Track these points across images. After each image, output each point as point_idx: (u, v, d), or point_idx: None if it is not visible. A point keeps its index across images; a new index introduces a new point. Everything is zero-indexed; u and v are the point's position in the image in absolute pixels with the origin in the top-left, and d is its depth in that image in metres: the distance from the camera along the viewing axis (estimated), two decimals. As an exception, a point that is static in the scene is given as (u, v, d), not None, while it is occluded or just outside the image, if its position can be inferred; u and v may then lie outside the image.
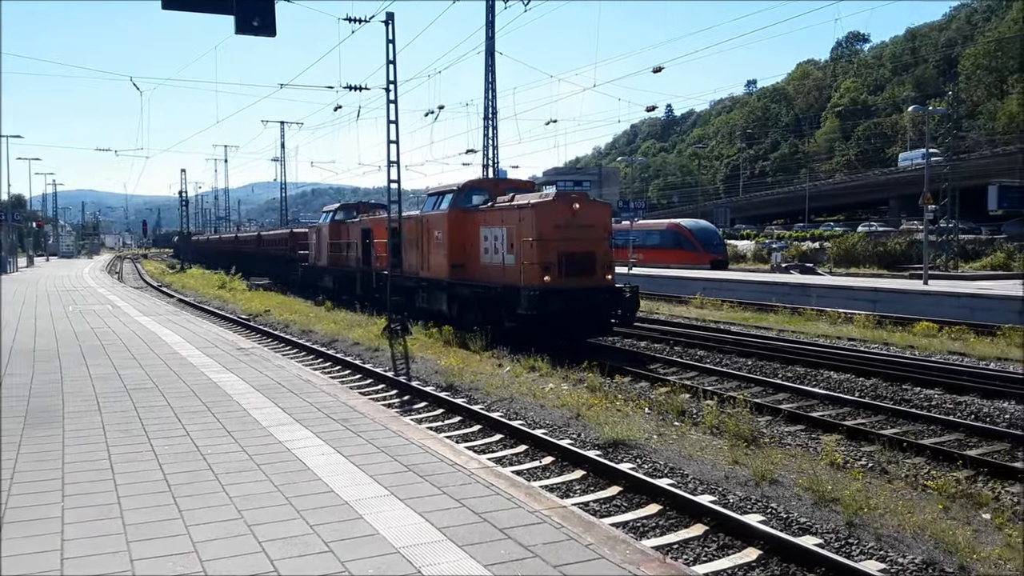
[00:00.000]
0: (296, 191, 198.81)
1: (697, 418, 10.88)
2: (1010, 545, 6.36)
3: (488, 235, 19.25)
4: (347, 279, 30.19)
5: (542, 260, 17.00)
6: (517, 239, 17.75)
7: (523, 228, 17.58)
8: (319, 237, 33.89)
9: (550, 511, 6.07)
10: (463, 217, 20.33)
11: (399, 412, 11.70)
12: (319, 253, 33.83)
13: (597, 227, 17.84)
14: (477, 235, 19.67)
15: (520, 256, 17.56)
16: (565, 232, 17.27)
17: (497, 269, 18.74)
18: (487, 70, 38.59)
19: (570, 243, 17.25)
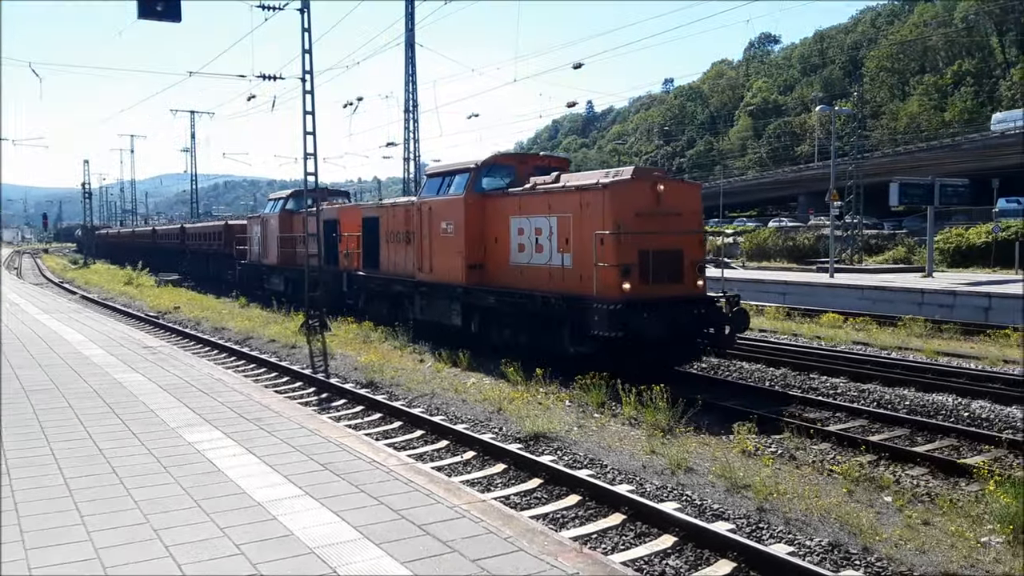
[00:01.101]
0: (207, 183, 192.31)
1: (616, 410, 11.03)
2: (910, 526, 6.66)
3: (525, 227, 14.83)
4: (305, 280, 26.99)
5: (621, 260, 12.66)
6: (577, 232, 13.56)
7: (588, 217, 13.30)
8: (265, 230, 29.18)
9: (470, 506, 6.04)
10: (484, 204, 15.94)
11: (316, 410, 11.47)
12: (265, 249, 29.28)
13: (685, 215, 13.49)
14: (505, 227, 15.32)
15: (580, 255, 13.44)
16: (648, 222, 12.95)
17: (540, 273, 14.51)
18: (407, 62, 38.21)
19: (654, 238, 12.98)
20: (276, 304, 25.25)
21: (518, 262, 15.07)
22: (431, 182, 17.80)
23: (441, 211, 16.74)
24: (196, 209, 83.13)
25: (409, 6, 37.56)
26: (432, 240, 17.10)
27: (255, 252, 30.54)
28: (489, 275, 15.84)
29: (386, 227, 19.65)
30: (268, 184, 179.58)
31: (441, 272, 16.85)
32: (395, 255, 19.20)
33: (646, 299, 12.66)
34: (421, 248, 17.55)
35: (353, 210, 23.83)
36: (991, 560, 6.02)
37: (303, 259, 24.54)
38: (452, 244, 16.40)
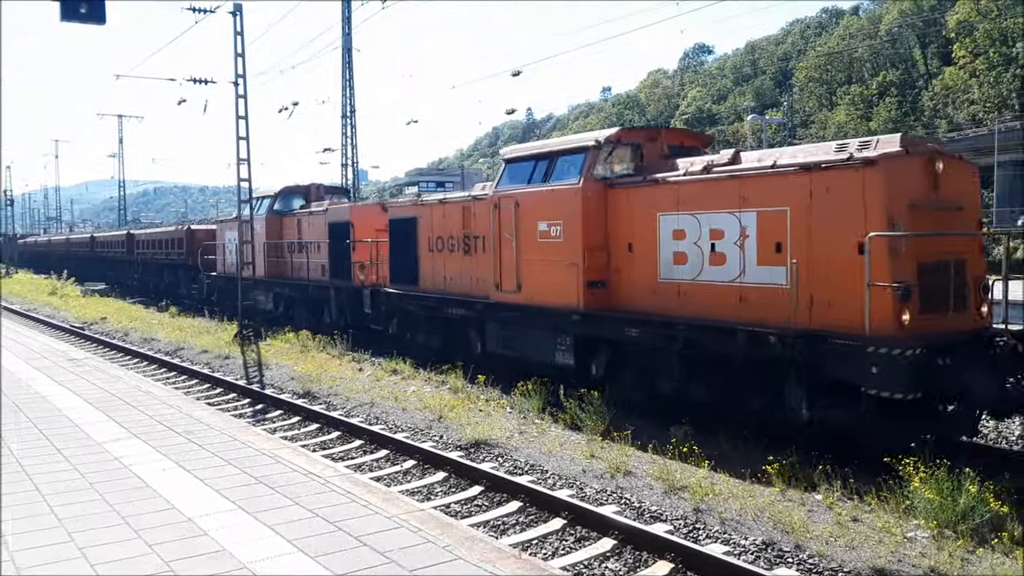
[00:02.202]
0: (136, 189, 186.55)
1: (556, 415, 11.06)
2: (840, 523, 6.84)
3: (689, 228, 10.33)
4: (307, 299, 21.31)
5: (897, 277, 8.22)
6: (802, 234, 9.06)
7: (826, 211, 8.84)
8: (242, 236, 22.97)
9: (408, 515, 5.97)
10: (608, 197, 11.54)
11: (251, 422, 11.21)
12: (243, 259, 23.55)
13: (968, 210, 9.21)
14: (649, 229, 10.93)
15: (811, 269, 8.95)
16: (923, 219, 8.61)
17: (719, 294, 9.98)
18: (344, 67, 37.80)
19: (932, 243, 8.69)
20: (210, 313, 24.47)
21: (673, 277, 10.57)
22: (515, 168, 13.04)
23: (538, 207, 12.20)
24: (124, 216, 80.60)
25: (346, 10, 37.21)
26: (521, 247, 12.53)
27: (230, 263, 24.94)
28: (618, 296, 11.46)
29: (429, 230, 15.19)
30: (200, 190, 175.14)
31: (538, 291, 12.27)
32: (446, 267, 14.78)
33: (930, 336, 8.37)
34: (500, 258, 12.98)
35: (371, 210, 19.44)
36: (917, 554, 6.21)
37: (302, 270, 21.47)
38: (558, 252, 11.82)
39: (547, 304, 12.14)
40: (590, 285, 11.51)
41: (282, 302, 22.95)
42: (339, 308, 19.57)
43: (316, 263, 20.81)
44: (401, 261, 16.17)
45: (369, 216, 19.10)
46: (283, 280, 22.65)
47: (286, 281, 22.49)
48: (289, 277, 22.39)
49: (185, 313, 26.00)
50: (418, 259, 15.55)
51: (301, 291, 21.56)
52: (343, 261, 19.32)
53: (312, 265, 20.98)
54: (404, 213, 16.51)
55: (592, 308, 11.51)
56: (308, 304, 21.30)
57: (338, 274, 19.50)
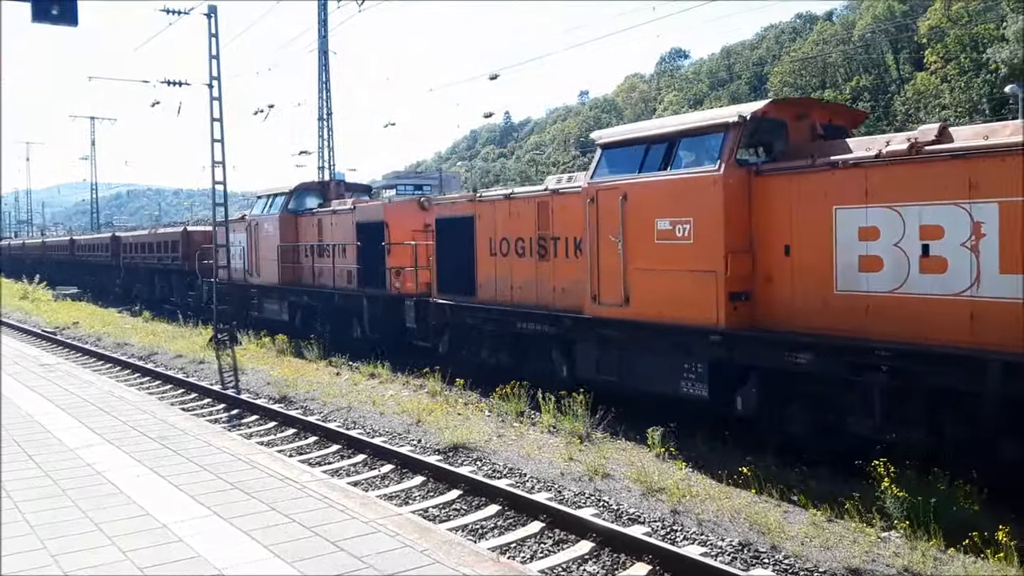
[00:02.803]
0: (109, 192, 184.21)
1: (535, 418, 11.07)
2: (815, 523, 6.91)
3: (884, 226, 8.16)
4: (331, 310, 18.60)
5: None
6: None
7: None
8: (254, 238, 21.69)
9: (386, 520, 5.95)
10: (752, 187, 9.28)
11: (226, 427, 11.11)
12: (254, 263, 21.81)
13: None
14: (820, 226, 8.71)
15: None
16: None
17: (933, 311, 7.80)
18: (321, 70, 37.64)
19: None
20: (182, 319, 24.11)
21: (858, 289, 8.35)
22: (617, 154, 10.70)
23: (656, 201, 9.93)
24: (97, 219, 79.57)
25: (322, 12, 37.05)
26: (631, 251, 10.17)
27: (236, 268, 22.19)
28: (768, 311, 9.19)
29: (490, 231, 13.19)
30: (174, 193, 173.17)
31: (654, 305, 9.96)
32: (514, 274, 12.69)
33: None
34: (599, 263, 10.70)
35: (408, 208, 17.28)
36: (891, 553, 6.29)
37: (324, 277, 18.75)
38: (687, 257, 9.51)
39: (668, 321, 9.80)
40: (733, 297, 9.15)
41: (299, 312, 20.10)
42: (372, 321, 16.90)
43: (342, 268, 18.09)
44: (451, 267, 14.07)
45: (406, 215, 16.87)
46: (300, 288, 19.88)
47: (304, 289, 19.71)
48: (308, 284, 19.62)
49: (159, 318, 25.70)
50: (474, 265, 13.39)
51: (324, 300, 18.78)
52: (376, 266, 16.80)
53: (337, 271, 18.22)
54: (455, 212, 14.21)
55: (736, 326, 9.13)
56: (332, 315, 18.57)
57: (370, 281, 17.00)
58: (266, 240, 20.99)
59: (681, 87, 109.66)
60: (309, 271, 19.73)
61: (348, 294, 17.82)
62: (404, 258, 16.15)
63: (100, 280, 39.52)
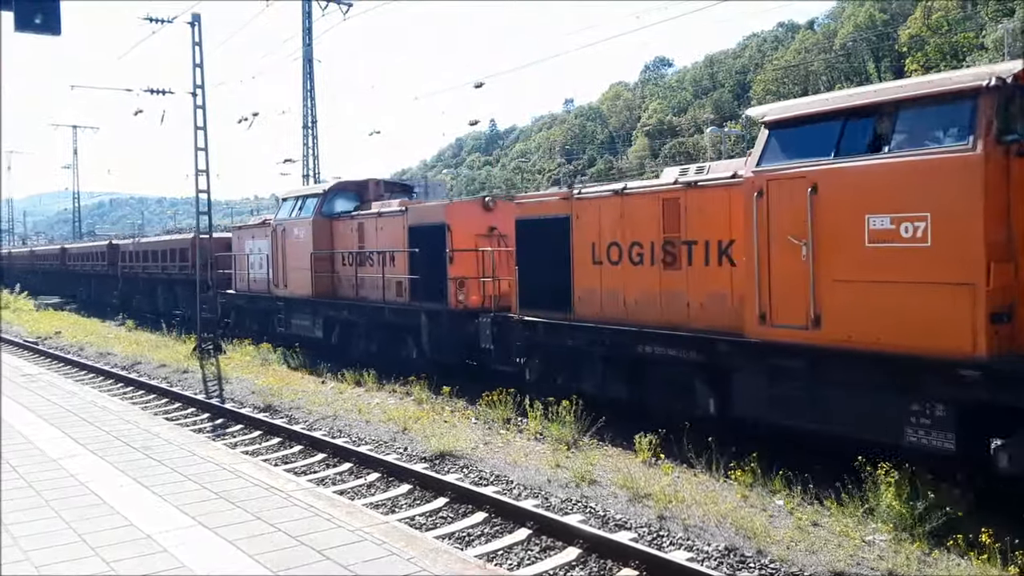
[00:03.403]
0: (91, 201, 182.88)
1: (522, 425, 11.07)
2: (800, 527, 6.94)
3: None
4: (378, 327, 16.46)
5: None
6: None
7: None
8: (280, 245, 19.15)
9: (372, 528, 5.93)
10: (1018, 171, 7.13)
11: (210, 436, 11.04)
12: (280, 273, 19.24)
13: None
14: None
15: None
16: None
17: None
18: (305, 77, 37.54)
19: None
20: (169, 329, 23.83)
21: None
22: (794, 135, 8.63)
23: (867, 192, 7.76)
24: (79, 228, 78.99)
25: (307, 20, 36.99)
26: (824, 256, 8.06)
27: (257, 278, 20.64)
28: None
29: (593, 235, 11.15)
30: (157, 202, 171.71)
31: (863, 326, 7.72)
32: (628, 286, 10.68)
33: None
34: (769, 273, 8.57)
35: (471, 209, 15.05)
36: (875, 557, 6.33)
37: (369, 288, 16.50)
38: (920, 265, 7.32)
39: (887, 349, 7.50)
40: (994, 319, 6.95)
41: (336, 328, 17.85)
42: (434, 340, 14.66)
43: (391, 279, 15.77)
44: (538, 277, 12.01)
45: (469, 217, 14.71)
46: (338, 301, 17.61)
47: (343, 302, 17.42)
48: (347, 297, 17.41)
49: (143, 327, 25.51)
50: (570, 275, 11.42)
51: (369, 315, 16.50)
52: (434, 276, 14.53)
53: (386, 282, 15.87)
54: (544, 212, 12.10)
55: (1000, 356, 6.93)
56: (379, 333, 16.47)
57: (428, 294, 14.72)
58: (295, 247, 18.48)
59: (665, 95, 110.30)
60: (348, 282, 17.36)
61: (402, 309, 15.47)
62: (468, 267, 14.22)
63: (95, 291, 37.13)
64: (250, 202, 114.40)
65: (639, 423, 10.21)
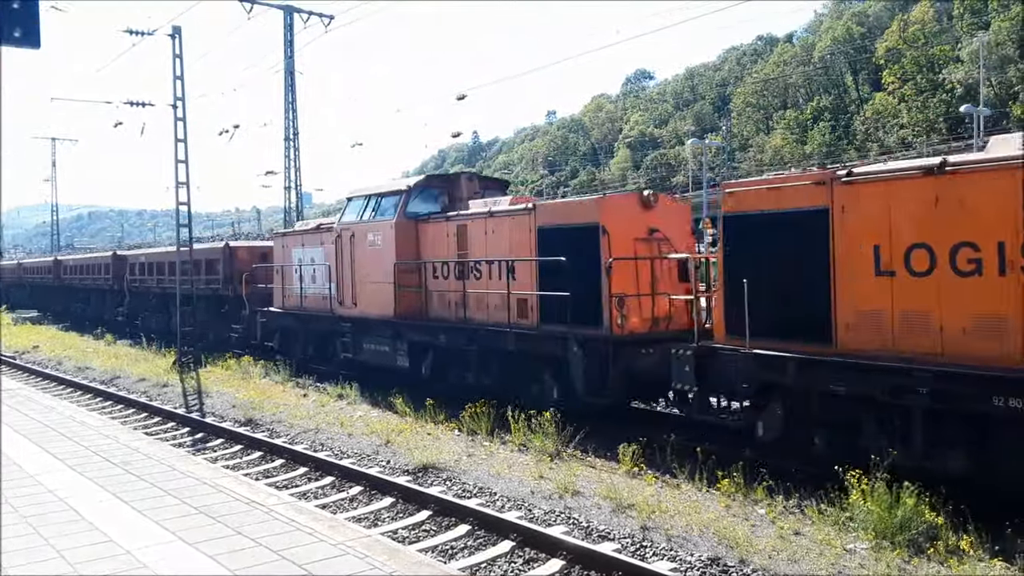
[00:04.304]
0: (70, 214, 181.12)
1: (505, 437, 11.05)
2: (782, 536, 6.98)
3: None
4: (494, 355, 12.96)
5: None
6: None
7: None
8: (346, 253, 15.89)
9: (354, 542, 5.89)
10: None
11: (191, 451, 10.94)
12: (346, 288, 15.91)
13: None
14: None
15: None
16: None
17: None
18: (287, 90, 37.52)
19: None
20: (148, 342, 23.40)
21: None
22: None
23: None
24: (57, 241, 78.24)
25: (288, 33, 36.99)
26: None
27: (310, 294, 17.32)
28: None
29: (874, 233, 8.18)
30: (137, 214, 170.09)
31: None
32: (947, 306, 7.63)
33: None
34: None
35: (629, 205, 11.79)
36: (856, 565, 6.37)
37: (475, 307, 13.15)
38: None
39: None
40: None
41: (429, 357, 14.29)
42: (590, 377, 11.14)
43: (518, 297, 12.31)
44: (766, 294, 8.96)
45: (628, 216, 11.43)
46: (434, 324, 14.00)
47: (441, 325, 13.82)
48: (445, 318, 13.96)
49: (121, 341, 25.24)
50: (831, 290, 8.44)
51: (483, 342, 12.86)
52: (583, 293, 11.07)
53: (499, 300, 12.59)
54: (780, 204, 9.07)
55: None
56: (496, 364, 12.89)
57: (576, 315, 11.10)
58: (370, 256, 15.11)
59: (646, 107, 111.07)
60: (445, 299, 14.01)
61: (528, 334, 12.02)
62: (627, 281, 11.08)
63: (95, 307, 33.39)
64: (231, 214, 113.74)
65: (625, 432, 10.13)
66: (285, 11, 36.79)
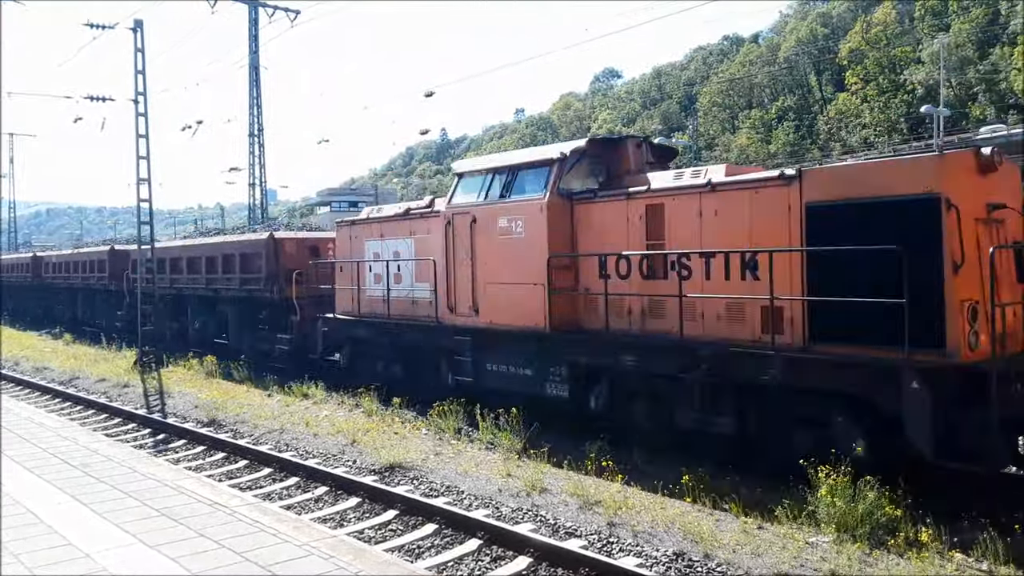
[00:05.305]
0: (28, 210, 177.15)
1: (473, 435, 11.03)
2: (746, 531, 7.06)
3: None
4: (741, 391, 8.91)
5: None
6: None
7: None
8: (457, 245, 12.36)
9: (319, 542, 5.84)
10: None
11: (152, 453, 10.77)
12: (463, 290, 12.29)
13: None
14: None
15: None
16: None
17: None
18: (251, 85, 37.05)
19: None
20: (106, 342, 22.86)
21: None
22: None
23: None
24: (15, 239, 76.48)
25: (253, 28, 36.54)
26: None
27: (399, 297, 13.73)
28: None
29: None
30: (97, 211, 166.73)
31: None
32: None
33: None
34: None
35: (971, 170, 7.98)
36: (818, 558, 6.47)
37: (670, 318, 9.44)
38: None
39: None
40: None
41: (602, 387, 10.52)
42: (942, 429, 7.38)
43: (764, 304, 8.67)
44: None
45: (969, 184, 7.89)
46: (614, 339, 10.15)
47: (629, 341, 10.05)
48: (624, 329, 10.24)
49: (80, 340, 24.74)
50: None
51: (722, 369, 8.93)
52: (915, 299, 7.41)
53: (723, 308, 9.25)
54: None
55: None
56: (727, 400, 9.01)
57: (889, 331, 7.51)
58: (501, 248, 11.56)
59: (614, 105, 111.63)
60: (624, 305, 10.30)
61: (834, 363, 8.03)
62: (973, 281, 7.63)
63: (85, 311, 29.30)
64: (194, 211, 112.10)
65: (589, 429, 10.18)
66: (250, 5, 36.36)
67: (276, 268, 17.64)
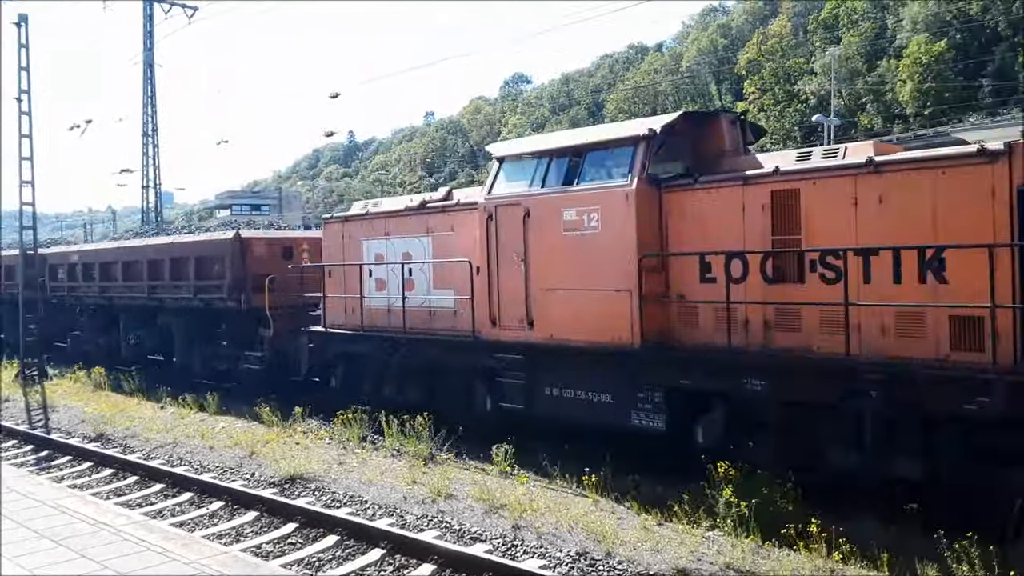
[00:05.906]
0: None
1: (379, 442, 10.84)
2: (646, 528, 7.17)
3: None
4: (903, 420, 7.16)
5: None
6: None
7: None
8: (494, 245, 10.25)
9: (210, 559, 5.60)
10: None
11: (33, 471, 10.16)
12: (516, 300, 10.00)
13: None
14: None
15: None
16: None
17: None
18: (146, 83, 35.52)
19: None
20: None
21: None
22: None
23: None
24: None
25: (148, 24, 35.06)
26: None
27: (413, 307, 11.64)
28: None
29: None
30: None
31: None
32: None
33: None
34: None
35: None
36: (714, 552, 6.63)
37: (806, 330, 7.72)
38: None
39: None
40: None
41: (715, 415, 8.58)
42: None
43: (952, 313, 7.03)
44: None
45: None
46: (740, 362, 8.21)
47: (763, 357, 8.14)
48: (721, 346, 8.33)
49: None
50: None
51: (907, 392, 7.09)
52: None
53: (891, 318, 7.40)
54: None
55: None
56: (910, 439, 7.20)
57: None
58: (567, 246, 9.49)
59: (524, 110, 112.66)
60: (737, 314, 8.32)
61: None
62: None
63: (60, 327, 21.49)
64: (83, 215, 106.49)
65: (498, 436, 10.10)
66: (145, 1, 34.90)
67: (243, 273, 14.97)
